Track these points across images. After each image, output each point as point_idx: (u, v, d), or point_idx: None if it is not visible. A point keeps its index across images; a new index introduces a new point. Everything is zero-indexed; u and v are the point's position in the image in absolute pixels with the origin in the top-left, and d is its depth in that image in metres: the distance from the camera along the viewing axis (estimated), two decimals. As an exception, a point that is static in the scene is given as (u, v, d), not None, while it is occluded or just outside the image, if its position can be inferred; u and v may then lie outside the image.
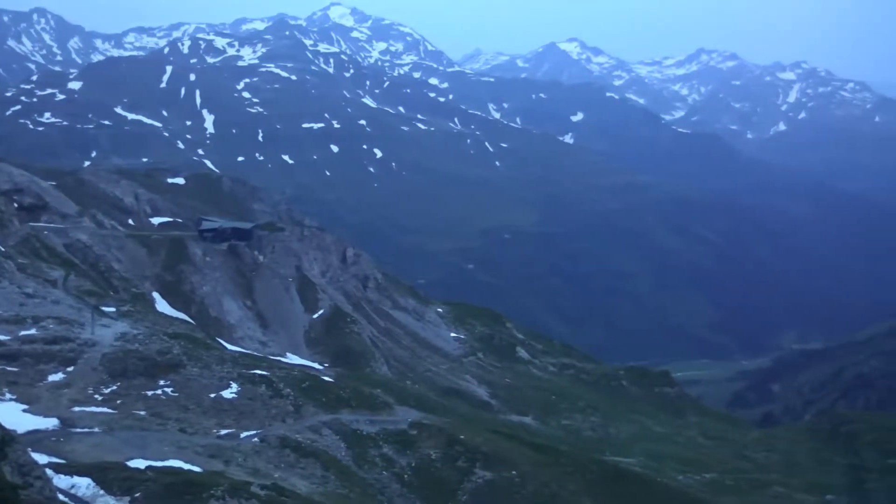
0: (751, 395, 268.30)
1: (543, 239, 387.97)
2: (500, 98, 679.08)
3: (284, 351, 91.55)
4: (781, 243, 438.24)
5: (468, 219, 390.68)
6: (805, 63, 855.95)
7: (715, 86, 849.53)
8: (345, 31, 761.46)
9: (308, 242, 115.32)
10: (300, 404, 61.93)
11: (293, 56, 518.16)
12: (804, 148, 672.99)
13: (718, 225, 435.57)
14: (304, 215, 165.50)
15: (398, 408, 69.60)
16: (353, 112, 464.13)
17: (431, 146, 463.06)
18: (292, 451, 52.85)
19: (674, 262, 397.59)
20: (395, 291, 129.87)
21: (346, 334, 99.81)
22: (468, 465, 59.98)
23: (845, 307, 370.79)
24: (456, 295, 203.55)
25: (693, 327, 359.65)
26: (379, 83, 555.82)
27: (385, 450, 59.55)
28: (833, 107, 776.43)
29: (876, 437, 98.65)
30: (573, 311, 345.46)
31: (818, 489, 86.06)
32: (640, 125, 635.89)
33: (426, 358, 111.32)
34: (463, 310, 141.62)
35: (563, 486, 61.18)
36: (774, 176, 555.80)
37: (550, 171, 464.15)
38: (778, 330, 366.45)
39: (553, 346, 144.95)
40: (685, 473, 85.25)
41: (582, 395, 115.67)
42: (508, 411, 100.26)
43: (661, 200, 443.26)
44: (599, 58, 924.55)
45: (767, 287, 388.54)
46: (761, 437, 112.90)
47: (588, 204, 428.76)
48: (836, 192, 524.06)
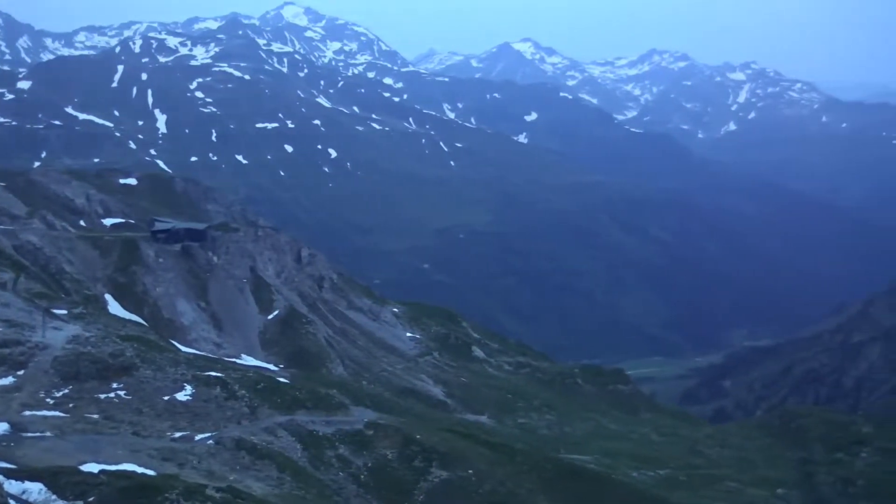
0: (703, 392, 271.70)
1: (498, 238, 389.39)
2: (454, 98, 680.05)
3: (239, 352, 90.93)
4: (732, 241, 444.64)
5: (423, 218, 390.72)
6: (754, 64, 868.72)
7: (666, 86, 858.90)
8: (298, 30, 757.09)
9: (262, 243, 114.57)
10: (255, 406, 61.59)
11: (246, 55, 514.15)
12: (754, 147, 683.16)
13: (670, 223, 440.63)
14: (259, 216, 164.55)
15: (354, 408, 69.48)
16: (308, 112, 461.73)
17: (386, 146, 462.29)
18: (248, 453, 52.56)
19: (627, 260, 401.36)
20: (350, 291, 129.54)
21: (302, 335, 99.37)
22: (424, 464, 60.08)
23: (794, 304, 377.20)
24: (411, 295, 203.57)
25: (646, 325, 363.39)
26: (333, 83, 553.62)
27: (341, 450, 59.45)
28: (782, 107, 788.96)
29: (824, 432, 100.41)
30: (528, 309, 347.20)
31: (769, 483, 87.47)
32: (594, 125, 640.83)
33: (382, 358, 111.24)
34: (418, 309, 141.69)
35: (519, 484, 61.57)
36: (725, 175, 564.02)
37: (505, 171, 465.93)
38: (729, 327, 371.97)
39: (508, 345, 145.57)
40: (639, 470, 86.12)
41: (537, 393, 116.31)
42: (464, 410, 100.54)
43: (614, 199, 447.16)
44: (553, 58, 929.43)
45: (718, 285, 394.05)
46: (713, 432, 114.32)
47: (542, 203, 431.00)
48: (784, 191, 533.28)
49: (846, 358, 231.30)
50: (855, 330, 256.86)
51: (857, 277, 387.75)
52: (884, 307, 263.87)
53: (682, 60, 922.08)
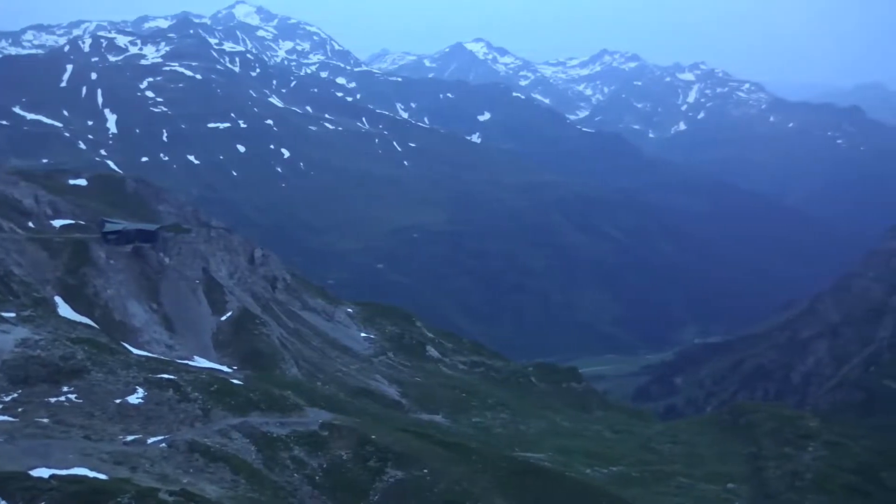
0: (655, 389, 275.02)
1: (452, 238, 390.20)
2: (407, 98, 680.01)
3: (192, 354, 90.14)
4: (683, 240, 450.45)
5: (377, 218, 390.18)
6: (703, 64, 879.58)
7: (618, 86, 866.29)
8: (250, 29, 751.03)
9: (215, 244, 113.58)
10: (209, 408, 61.13)
11: (198, 55, 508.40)
12: (703, 146, 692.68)
13: (622, 222, 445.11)
14: (211, 216, 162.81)
15: (308, 409, 69.24)
16: (260, 111, 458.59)
17: (339, 146, 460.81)
18: (201, 455, 52.18)
19: (580, 258, 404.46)
20: (304, 292, 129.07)
21: (255, 336, 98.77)
22: (379, 464, 60.13)
23: (743, 301, 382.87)
24: (366, 295, 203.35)
25: (599, 323, 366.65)
26: (286, 82, 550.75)
27: (296, 452, 59.25)
28: (730, 107, 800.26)
29: (773, 427, 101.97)
30: (483, 308, 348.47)
31: (720, 478, 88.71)
32: (546, 125, 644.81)
33: (336, 358, 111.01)
34: (373, 309, 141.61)
35: (474, 483, 61.85)
36: (675, 174, 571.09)
37: (458, 171, 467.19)
38: (680, 325, 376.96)
39: (463, 344, 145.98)
40: (592, 467, 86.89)
41: (492, 392, 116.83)
42: (419, 410, 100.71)
43: (566, 199, 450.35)
44: (505, 58, 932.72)
45: (670, 283, 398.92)
46: (665, 429, 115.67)
47: (495, 202, 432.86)
48: (733, 190, 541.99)
49: (794, 354, 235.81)
50: (802, 326, 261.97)
51: (804, 274, 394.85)
52: (830, 304, 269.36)
53: (632, 61, 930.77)
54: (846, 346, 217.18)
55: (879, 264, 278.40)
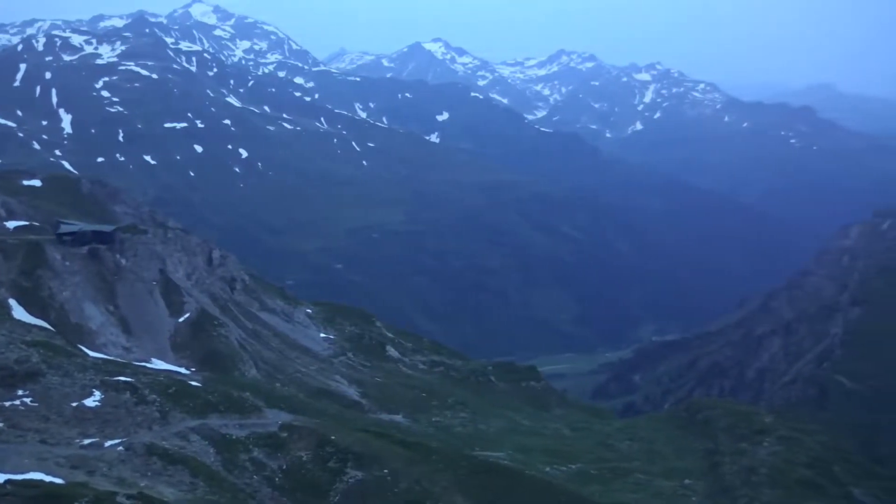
0: (613, 387, 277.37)
1: (411, 237, 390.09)
2: (366, 98, 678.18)
3: (149, 356, 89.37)
4: (639, 238, 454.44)
5: (336, 218, 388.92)
6: (659, 65, 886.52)
7: (575, 86, 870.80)
8: (207, 29, 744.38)
9: (172, 245, 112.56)
10: (167, 410, 60.86)
11: (154, 54, 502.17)
12: (659, 146, 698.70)
13: (580, 221, 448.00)
14: (168, 217, 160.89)
15: (268, 410, 69.14)
16: (217, 111, 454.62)
17: (298, 146, 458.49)
18: (159, 458, 51.97)
19: (538, 258, 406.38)
20: (263, 293, 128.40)
21: (214, 337, 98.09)
22: (339, 465, 60.24)
23: (699, 299, 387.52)
24: (325, 295, 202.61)
25: (557, 322, 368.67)
26: (243, 82, 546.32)
27: (255, 453, 59.19)
28: (686, 107, 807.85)
29: (729, 423, 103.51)
30: (441, 308, 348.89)
31: (677, 474, 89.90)
32: (504, 124, 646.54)
33: (295, 359, 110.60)
34: (332, 310, 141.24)
35: (435, 482, 62.17)
36: (632, 173, 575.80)
37: (417, 170, 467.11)
38: (637, 323, 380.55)
39: (422, 344, 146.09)
40: (552, 465, 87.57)
41: (451, 391, 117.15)
42: (379, 410, 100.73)
43: (524, 198, 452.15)
44: (464, 58, 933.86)
45: (627, 281, 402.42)
46: (623, 426, 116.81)
47: (454, 202, 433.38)
48: (689, 188, 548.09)
49: (749, 351, 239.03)
50: (757, 323, 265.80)
51: (758, 272, 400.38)
52: (783, 301, 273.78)
53: (589, 61, 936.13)
54: (799, 343, 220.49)
55: (831, 262, 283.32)
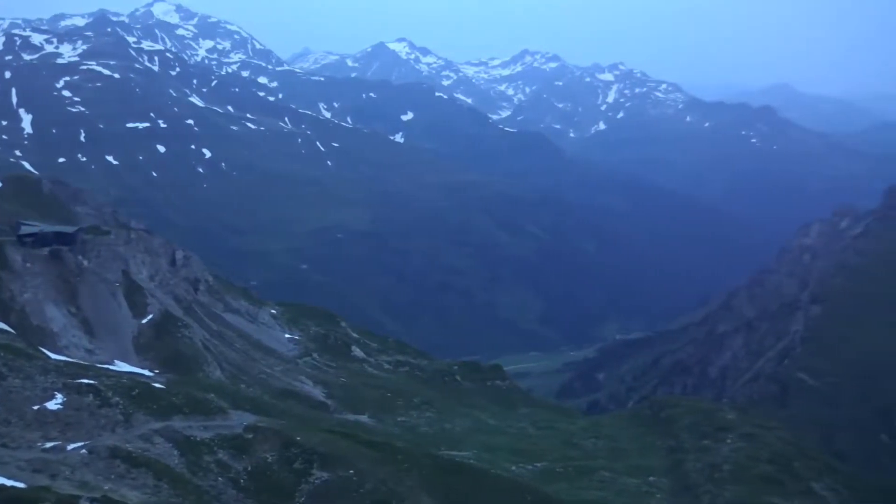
0: (578, 385, 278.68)
1: (376, 237, 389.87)
2: (330, 97, 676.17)
3: (112, 358, 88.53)
4: (603, 237, 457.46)
5: (300, 219, 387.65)
6: (622, 65, 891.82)
7: (539, 86, 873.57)
8: (169, 28, 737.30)
9: (135, 246, 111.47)
10: (130, 413, 60.40)
11: (116, 54, 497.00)
12: (622, 145, 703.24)
13: (544, 220, 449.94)
14: (131, 218, 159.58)
15: (233, 412, 68.83)
16: (180, 111, 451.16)
17: (261, 146, 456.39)
18: (122, 461, 51.61)
19: (502, 257, 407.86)
20: (227, 294, 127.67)
21: (177, 339, 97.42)
22: (305, 466, 60.13)
23: (662, 297, 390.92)
24: (290, 296, 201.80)
25: (522, 321, 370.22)
26: (206, 82, 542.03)
27: (220, 455, 58.92)
28: (648, 107, 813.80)
29: (692, 420, 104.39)
30: (407, 308, 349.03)
31: (641, 472, 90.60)
32: (469, 124, 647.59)
33: (260, 360, 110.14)
34: (297, 310, 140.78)
35: (400, 482, 62.26)
36: (595, 172, 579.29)
37: (382, 170, 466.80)
38: (601, 321, 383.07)
39: (387, 344, 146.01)
40: (517, 464, 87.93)
41: (417, 391, 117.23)
42: (344, 410, 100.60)
43: (489, 198, 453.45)
44: (428, 58, 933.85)
45: (591, 280, 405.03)
46: (588, 424, 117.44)
47: (419, 202, 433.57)
48: (652, 188, 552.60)
49: (711, 348, 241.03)
50: (719, 322, 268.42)
51: (720, 270, 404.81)
52: (745, 299, 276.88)
53: (553, 61, 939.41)
54: (761, 341, 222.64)
55: (792, 261, 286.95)
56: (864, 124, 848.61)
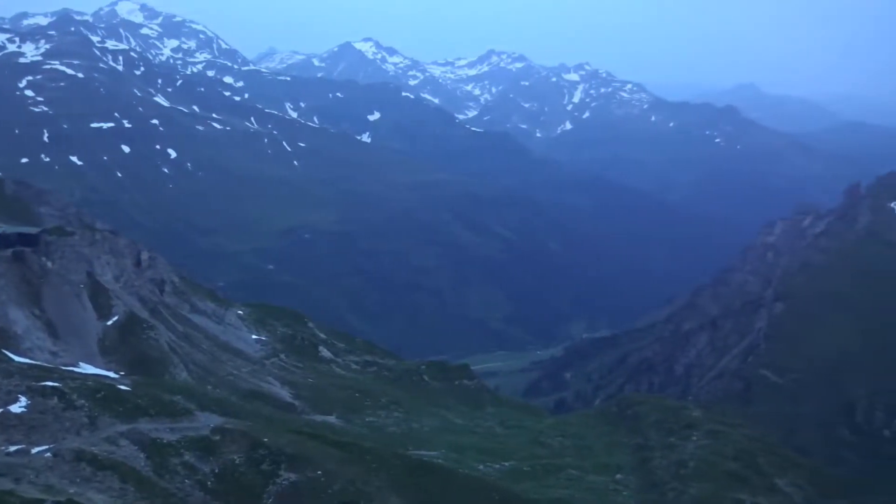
0: (545, 384, 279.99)
1: (343, 237, 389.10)
2: (296, 97, 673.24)
3: (77, 360, 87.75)
4: (570, 237, 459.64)
5: (267, 219, 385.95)
6: (588, 65, 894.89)
7: (505, 86, 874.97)
8: (134, 27, 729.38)
9: (100, 247, 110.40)
10: (95, 415, 59.97)
11: (79, 53, 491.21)
12: (588, 145, 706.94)
13: (511, 220, 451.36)
14: (96, 218, 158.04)
15: (199, 413, 68.50)
16: (145, 111, 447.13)
17: (228, 146, 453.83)
18: (88, 464, 51.29)
19: (470, 257, 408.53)
20: (193, 295, 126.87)
21: (143, 340, 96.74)
22: (273, 467, 60.04)
23: (628, 296, 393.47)
24: (257, 296, 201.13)
25: (490, 320, 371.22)
26: (171, 82, 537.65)
27: (186, 457, 58.66)
28: (613, 106, 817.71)
29: (658, 418, 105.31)
30: (375, 308, 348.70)
31: (608, 469, 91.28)
32: (436, 124, 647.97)
33: (227, 361, 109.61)
34: (264, 311, 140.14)
35: (369, 482, 62.33)
36: (562, 172, 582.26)
37: (349, 170, 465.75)
38: (568, 320, 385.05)
39: (355, 344, 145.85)
40: (485, 463, 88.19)
41: (385, 391, 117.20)
42: (312, 411, 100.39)
43: (457, 197, 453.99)
44: (394, 58, 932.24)
45: (558, 279, 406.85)
46: (555, 423, 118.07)
47: (386, 202, 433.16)
48: (617, 187, 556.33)
49: (676, 346, 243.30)
50: (684, 320, 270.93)
51: (685, 268, 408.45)
52: (709, 297, 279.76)
53: (519, 61, 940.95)
54: (725, 338, 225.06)
55: (755, 259, 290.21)
56: (826, 124, 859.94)
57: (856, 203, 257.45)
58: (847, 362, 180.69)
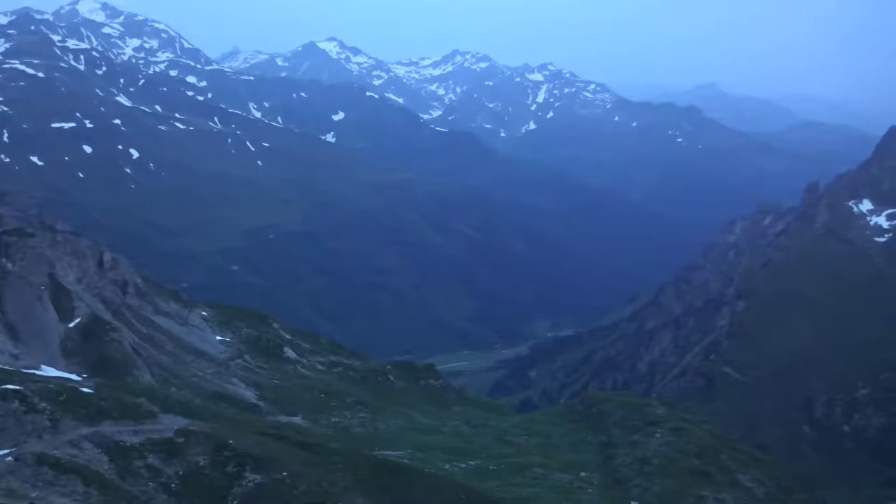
0: (510, 383, 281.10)
1: (308, 238, 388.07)
2: (260, 97, 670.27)
3: (39, 363, 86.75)
4: (534, 236, 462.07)
5: (231, 219, 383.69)
6: (551, 65, 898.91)
7: (469, 86, 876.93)
8: (95, 26, 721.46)
9: (61, 248, 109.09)
10: (58, 418, 59.38)
11: (40, 52, 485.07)
12: (552, 145, 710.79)
13: (475, 220, 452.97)
14: (57, 219, 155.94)
15: (163, 416, 68.00)
16: (107, 111, 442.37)
17: (191, 146, 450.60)
18: (50, 468, 50.82)
19: (435, 256, 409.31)
20: (156, 296, 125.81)
21: (106, 343, 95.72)
22: (238, 469, 59.76)
23: (592, 295, 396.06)
24: (221, 297, 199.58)
25: (455, 320, 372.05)
26: (133, 81, 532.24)
27: (150, 460, 58.25)
28: (577, 106, 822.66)
29: (622, 415, 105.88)
30: (340, 308, 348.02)
31: (573, 467, 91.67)
32: (400, 124, 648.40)
33: (191, 363, 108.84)
34: (228, 312, 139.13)
35: (335, 483, 62.25)
36: (526, 172, 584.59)
37: (313, 170, 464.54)
38: (533, 319, 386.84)
39: (320, 345, 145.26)
40: (451, 462, 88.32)
41: (350, 391, 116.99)
42: (277, 412, 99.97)
43: (421, 197, 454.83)
44: (358, 57, 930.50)
45: (521, 278, 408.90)
46: (521, 421, 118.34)
47: (351, 202, 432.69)
48: (581, 187, 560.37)
49: (640, 344, 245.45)
50: (648, 317, 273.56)
51: (649, 267, 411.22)
52: (672, 295, 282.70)
53: (483, 61, 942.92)
54: (688, 336, 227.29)
55: (717, 257, 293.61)
56: (786, 124, 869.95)
57: (815, 202, 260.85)
58: (807, 359, 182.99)
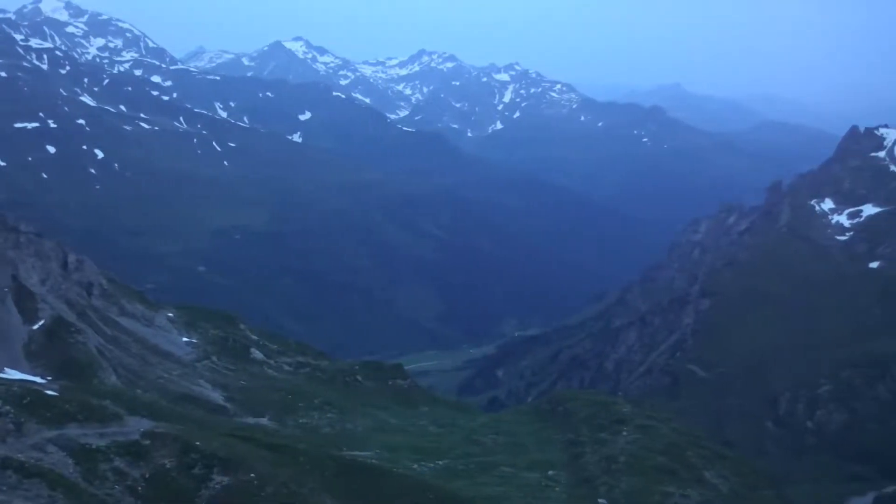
0: (478, 382, 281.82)
1: (275, 238, 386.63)
2: (226, 97, 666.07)
3: (2, 366, 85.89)
4: (501, 235, 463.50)
5: (197, 220, 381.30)
6: (518, 65, 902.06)
7: (436, 86, 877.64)
8: (59, 25, 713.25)
9: (25, 249, 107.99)
10: (21, 422, 58.89)
11: (2, 51, 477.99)
12: (519, 145, 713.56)
13: (442, 219, 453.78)
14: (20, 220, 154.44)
15: (129, 418, 67.57)
16: (71, 111, 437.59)
17: (156, 146, 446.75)
18: (14, 472, 50.42)
19: (402, 256, 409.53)
20: (122, 297, 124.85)
21: (70, 345, 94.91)
22: (205, 471, 59.56)
23: (559, 294, 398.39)
24: (187, 298, 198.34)
25: (423, 319, 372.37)
26: (98, 81, 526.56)
27: (116, 463, 57.92)
28: (543, 106, 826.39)
29: (589, 413, 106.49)
30: (308, 309, 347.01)
31: (541, 466, 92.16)
32: (367, 124, 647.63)
33: (157, 365, 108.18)
34: (195, 313, 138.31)
35: (303, 484, 62.24)
36: (493, 171, 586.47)
37: (280, 170, 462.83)
38: (500, 318, 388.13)
39: (288, 346, 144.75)
40: (419, 462, 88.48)
41: (318, 392, 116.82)
42: (244, 414, 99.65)
43: (388, 197, 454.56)
44: (325, 57, 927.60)
45: (489, 278, 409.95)
46: (488, 421, 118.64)
47: (318, 202, 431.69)
48: (547, 186, 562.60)
49: (607, 343, 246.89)
50: (614, 316, 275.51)
51: (615, 266, 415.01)
52: (638, 294, 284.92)
53: (450, 61, 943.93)
54: (654, 334, 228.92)
55: (682, 256, 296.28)
56: (749, 123, 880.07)
57: (778, 201, 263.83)
58: (771, 357, 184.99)
